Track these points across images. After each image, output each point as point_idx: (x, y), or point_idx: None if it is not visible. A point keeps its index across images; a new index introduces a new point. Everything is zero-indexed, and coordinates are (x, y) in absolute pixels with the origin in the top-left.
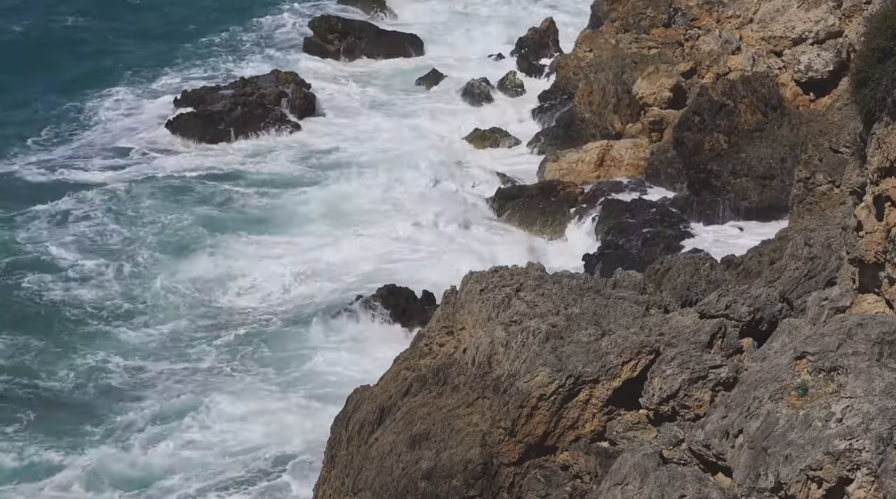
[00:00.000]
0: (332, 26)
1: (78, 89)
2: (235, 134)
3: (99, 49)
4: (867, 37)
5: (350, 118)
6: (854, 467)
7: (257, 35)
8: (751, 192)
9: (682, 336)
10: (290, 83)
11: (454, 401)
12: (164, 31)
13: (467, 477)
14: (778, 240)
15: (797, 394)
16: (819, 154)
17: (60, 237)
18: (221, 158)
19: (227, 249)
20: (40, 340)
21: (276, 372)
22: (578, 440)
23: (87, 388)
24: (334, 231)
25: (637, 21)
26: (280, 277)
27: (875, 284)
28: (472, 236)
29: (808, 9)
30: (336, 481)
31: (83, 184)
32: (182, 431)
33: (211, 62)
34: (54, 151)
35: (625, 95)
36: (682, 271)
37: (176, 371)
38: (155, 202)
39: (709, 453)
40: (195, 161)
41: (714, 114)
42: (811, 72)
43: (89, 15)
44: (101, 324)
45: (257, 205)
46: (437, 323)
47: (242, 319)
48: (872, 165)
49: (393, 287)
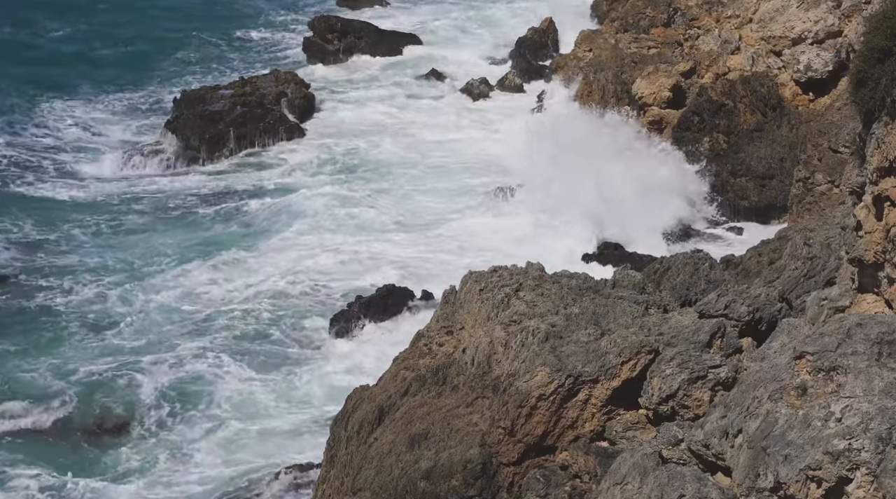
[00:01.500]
0: (332, 26)
1: (77, 92)
2: (235, 135)
3: (85, 54)
4: (866, 37)
5: (350, 118)
6: (853, 466)
7: (257, 36)
8: (750, 191)
9: (682, 336)
10: (289, 83)
11: (453, 401)
12: (164, 34)
13: (467, 477)
14: (777, 240)
15: (796, 394)
16: (818, 154)
17: (48, 245)
18: (221, 161)
19: (227, 250)
20: (20, 346)
21: (277, 371)
22: (578, 440)
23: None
24: (335, 234)
25: (636, 21)
26: (280, 278)
27: (874, 283)
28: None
29: (808, 9)
30: (335, 481)
31: (75, 189)
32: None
33: (211, 63)
34: (46, 157)
35: (624, 95)
36: (681, 271)
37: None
38: (152, 206)
39: (708, 452)
40: (194, 166)
41: (713, 114)
42: (810, 72)
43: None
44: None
45: (257, 206)
46: (437, 323)
47: (242, 320)
48: (872, 165)
49: (393, 287)
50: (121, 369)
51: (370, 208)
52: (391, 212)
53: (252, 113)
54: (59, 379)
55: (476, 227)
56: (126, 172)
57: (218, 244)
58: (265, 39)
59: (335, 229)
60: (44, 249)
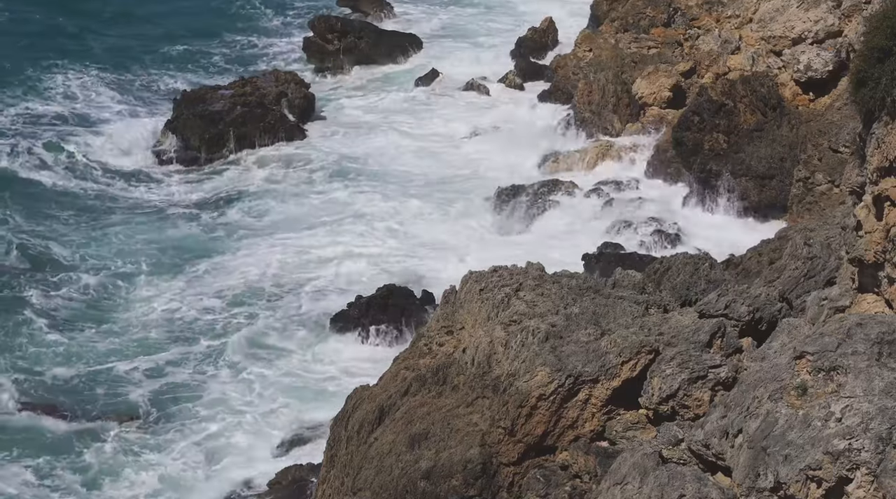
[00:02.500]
0: (332, 26)
1: (77, 92)
2: (235, 135)
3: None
4: (866, 36)
5: (350, 119)
6: (853, 466)
7: (257, 37)
8: (750, 191)
9: (682, 336)
10: (289, 83)
11: (454, 401)
12: (163, 36)
13: (467, 477)
14: (777, 240)
15: (796, 394)
16: (818, 154)
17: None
18: (221, 162)
19: (224, 250)
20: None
21: (277, 372)
22: (578, 440)
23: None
24: (335, 234)
25: (636, 21)
26: (279, 278)
27: (874, 283)
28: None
29: (808, 8)
30: (335, 481)
31: (76, 187)
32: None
33: (211, 63)
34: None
35: (624, 95)
36: (681, 271)
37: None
38: (150, 209)
39: (708, 452)
40: (194, 166)
41: (713, 113)
42: (810, 71)
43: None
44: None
45: (256, 207)
46: (437, 323)
47: (241, 320)
48: (872, 165)
49: (393, 287)
50: (105, 370)
51: (370, 208)
52: (391, 212)
53: (252, 113)
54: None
55: (475, 227)
56: (126, 173)
57: (215, 244)
58: (265, 40)
59: (335, 229)
60: (29, 244)
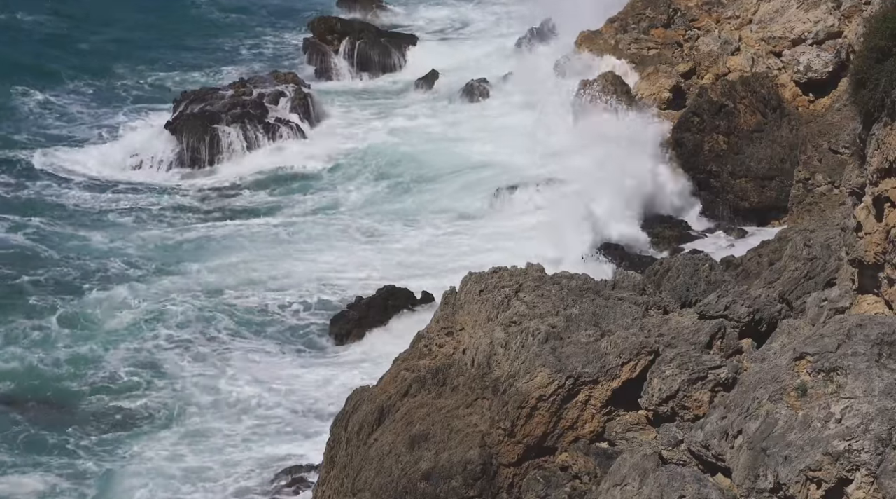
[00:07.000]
0: (332, 27)
1: (76, 93)
2: (234, 136)
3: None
4: (866, 37)
5: (350, 119)
6: (853, 467)
7: (257, 38)
8: (750, 192)
9: (682, 337)
10: (289, 83)
11: (453, 402)
12: (162, 36)
13: (466, 478)
14: (777, 241)
15: (796, 395)
16: (818, 155)
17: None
18: (220, 162)
19: (225, 250)
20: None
21: (276, 373)
22: (578, 441)
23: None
24: (336, 234)
25: (636, 21)
26: (279, 279)
27: (874, 284)
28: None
29: (808, 9)
30: (335, 482)
31: (75, 188)
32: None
33: (211, 64)
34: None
35: (624, 96)
36: (681, 272)
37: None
38: (149, 210)
39: (708, 453)
40: (194, 166)
41: (713, 114)
42: (810, 72)
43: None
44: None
45: (256, 207)
46: (437, 324)
47: (241, 320)
48: (872, 166)
49: (393, 288)
50: (100, 373)
51: (370, 208)
52: (391, 212)
53: (252, 114)
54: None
55: (476, 227)
56: (125, 173)
57: (215, 244)
58: (265, 40)
59: (335, 230)
60: (24, 245)
